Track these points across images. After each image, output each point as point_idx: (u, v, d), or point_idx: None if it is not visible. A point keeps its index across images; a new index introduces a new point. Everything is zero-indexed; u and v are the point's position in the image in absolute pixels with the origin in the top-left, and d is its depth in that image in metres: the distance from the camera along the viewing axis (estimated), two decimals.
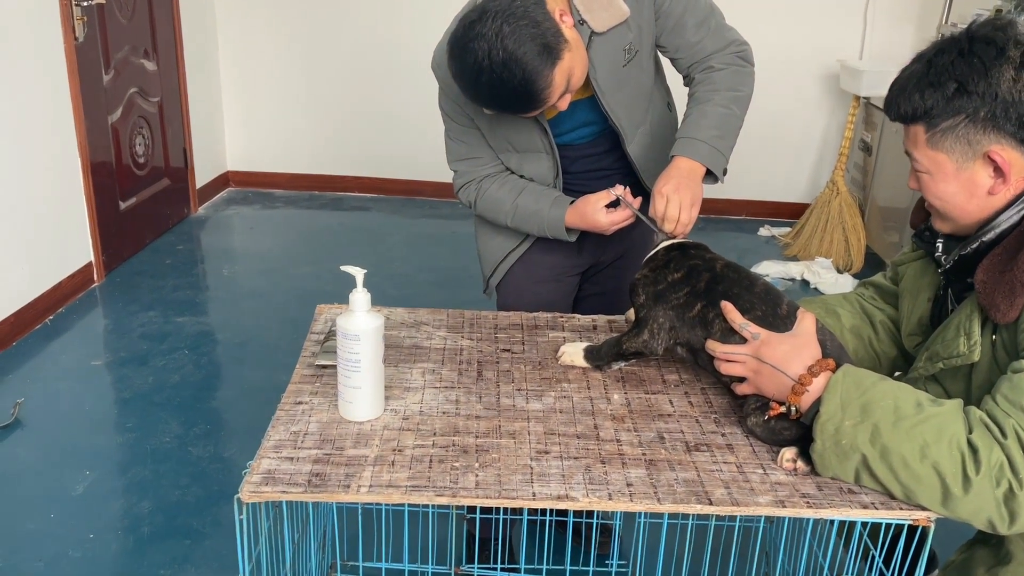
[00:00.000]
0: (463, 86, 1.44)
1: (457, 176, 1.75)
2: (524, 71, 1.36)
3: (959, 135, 1.13)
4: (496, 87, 1.38)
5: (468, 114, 1.65)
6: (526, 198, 1.67)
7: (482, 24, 1.36)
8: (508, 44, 1.34)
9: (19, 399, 2.63)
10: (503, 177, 1.71)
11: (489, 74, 1.37)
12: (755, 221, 4.60)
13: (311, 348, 1.50)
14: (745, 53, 1.64)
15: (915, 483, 1.07)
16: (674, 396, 1.38)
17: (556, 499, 1.12)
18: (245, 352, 3.04)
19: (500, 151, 1.69)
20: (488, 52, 1.35)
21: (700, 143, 1.55)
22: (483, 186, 1.71)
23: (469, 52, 1.37)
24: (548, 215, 1.65)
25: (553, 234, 1.67)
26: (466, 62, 1.38)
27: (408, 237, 4.21)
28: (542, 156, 1.66)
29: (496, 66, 1.35)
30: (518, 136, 1.64)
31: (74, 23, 3.27)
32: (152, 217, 4.02)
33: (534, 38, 1.35)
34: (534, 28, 1.36)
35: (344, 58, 4.54)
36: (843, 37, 4.32)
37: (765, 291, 1.29)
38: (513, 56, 1.35)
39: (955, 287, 1.26)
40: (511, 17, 1.35)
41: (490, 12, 1.36)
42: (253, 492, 1.11)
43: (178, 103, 4.22)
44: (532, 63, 1.36)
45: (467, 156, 1.71)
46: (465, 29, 1.38)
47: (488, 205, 1.71)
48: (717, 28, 1.62)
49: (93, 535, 2.11)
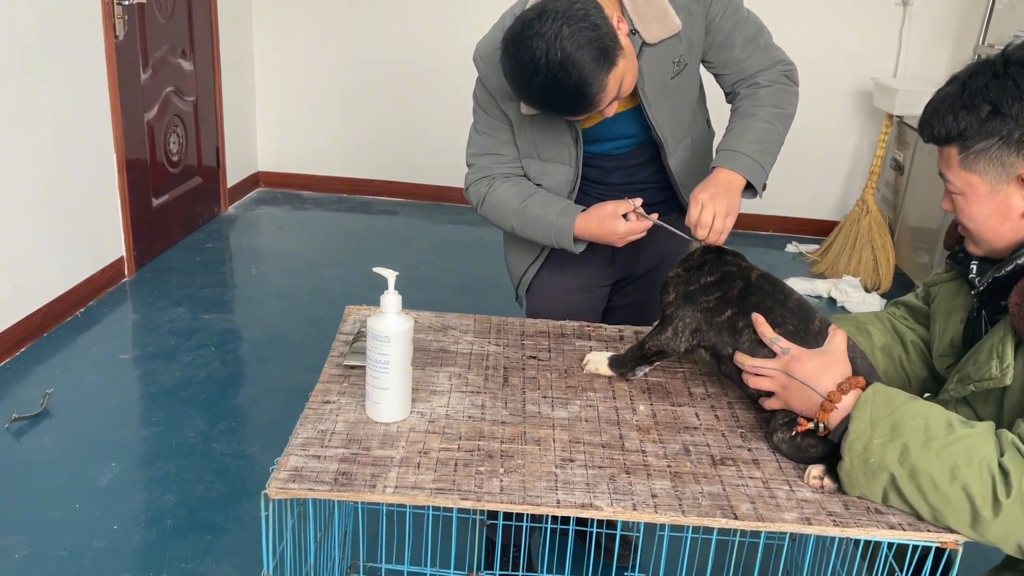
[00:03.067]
0: (515, 83, 1.42)
1: (471, 171, 1.71)
2: (580, 73, 1.35)
3: (992, 157, 1.13)
4: (550, 87, 1.38)
5: (503, 109, 1.63)
6: (535, 202, 1.63)
7: (541, 23, 1.35)
8: (567, 45, 1.34)
9: (48, 390, 2.67)
10: (516, 180, 1.67)
11: (545, 73, 1.36)
12: (783, 237, 4.58)
13: (340, 348, 1.51)
14: (791, 73, 1.64)
15: (944, 505, 1.06)
16: (700, 409, 1.38)
17: (580, 507, 1.12)
18: (270, 351, 3.06)
19: (524, 155, 1.67)
20: (546, 51, 1.34)
21: (742, 155, 1.54)
22: (494, 185, 1.67)
23: (526, 50, 1.36)
24: (556, 222, 1.60)
25: (559, 242, 1.62)
26: (522, 59, 1.37)
27: (434, 242, 4.23)
28: (565, 168, 1.65)
29: (553, 66, 1.35)
30: (547, 144, 1.63)
31: (115, 22, 3.33)
32: (183, 215, 4.07)
33: (592, 41, 1.35)
34: (593, 31, 1.35)
35: (376, 63, 4.58)
36: (878, 55, 4.29)
37: (799, 306, 1.29)
38: (571, 58, 1.34)
39: (989, 309, 1.25)
40: (571, 19, 1.35)
41: (550, 12, 1.35)
42: (280, 488, 1.12)
43: (212, 103, 4.28)
44: (589, 66, 1.35)
45: (488, 151, 1.68)
46: (523, 27, 1.37)
47: (495, 204, 1.66)
48: (766, 47, 1.62)
49: (117, 526, 2.13)
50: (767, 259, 4.26)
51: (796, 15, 4.22)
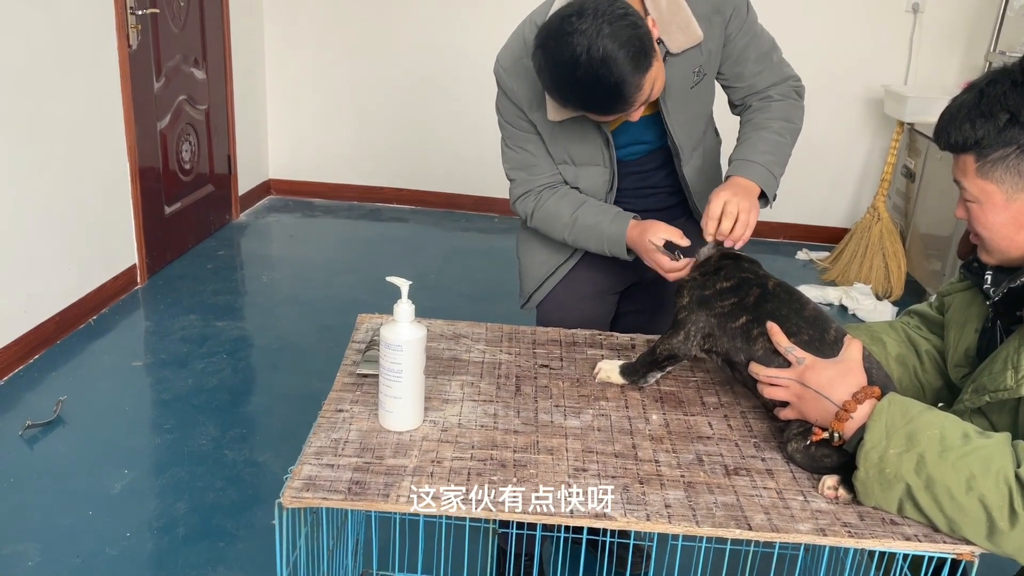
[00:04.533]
0: (552, 79, 1.40)
1: (514, 185, 1.72)
2: (621, 71, 1.34)
3: (1010, 166, 1.12)
4: (589, 84, 1.36)
5: (531, 120, 1.62)
6: (586, 212, 1.63)
7: (581, 20, 1.33)
8: (608, 44, 1.32)
9: (61, 397, 2.68)
10: (563, 190, 1.67)
11: (586, 69, 1.34)
12: (793, 244, 4.57)
13: (352, 357, 1.51)
14: (800, 89, 1.68)
15: (960, 515, 1.06)
16: (713, 419, 1.37)
17: (594, 517, 1.12)
18: (281, 358, 3.07)
19: (559, 161, 1.67)
20: (588, 48, 1.33)
21: (756, 165, 1.56)
22: (542, 197, 1.67)
23: (566, 46, 1.34)
24: (608, 230, 1.61)
25: (612, 249, 1.63)
26: (561, 55, 1.35)
27: (445, 250, 4.24)
28: (600, 169, 1.65)
29: (595, 62, 1.33)
30: (578, 148, 1.63)
31: (128, 31, 3.35)
32: (195, 222, 4.09)
33: (632, 40, 1.34)
34: (634, 30, 1.35)
35: (386, 71, 4.59)
36: (888, 62, 4.28)
37: (814, 315, 1.28)
38: (612, 55, 1.33)
39: (1003, 319, 1.24)
40: (612, 17, 1.33)
41: (590, 9, 1.34)
42: (294, 497, 1.12)
43: (224, 111, 4.30)
44: (628, 64, 1.34)
45: (525, 165, 1.68)
46: (562, 22, 1.35)
47: (546, 217, 1.67)
48: (778, 63, 1.66)
49: (130, 533, 2.14)
50: (778, 266, 4.25)
51: (807, 22, 4.22)
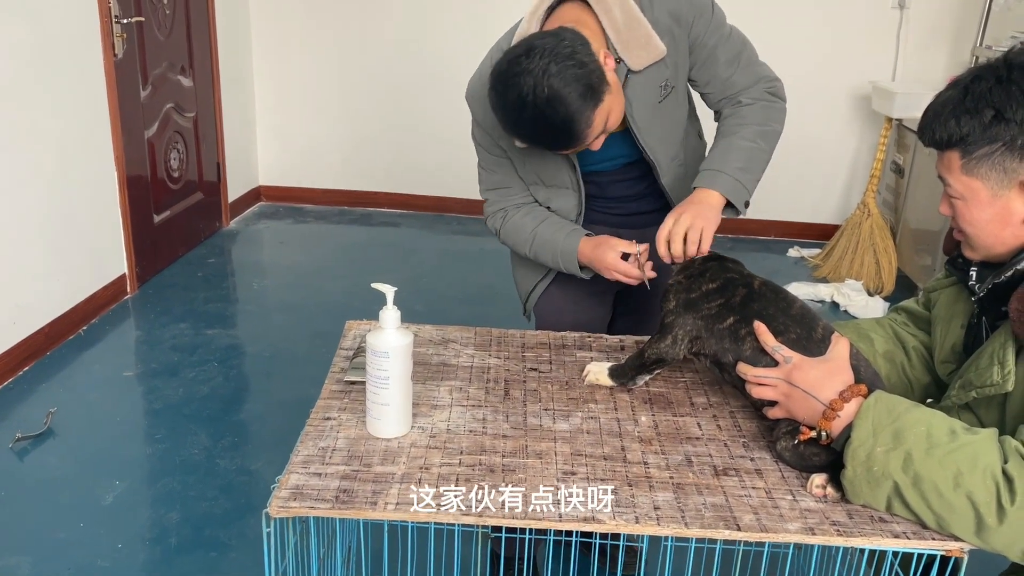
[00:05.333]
0: (503, 118, 1.44)
1: (488, 204, 1.77)
2: (567, 110, 1.37)
3: (995, 163, 1.12)
4: (538, 123, 1.39)
5: (501, 146, 1.66)
6: (545, 227, 1.68)
7: (529, 60, 1.36)
8: (554, 83, 1.35)
9: (52, 408, 2.67)
10: (529, 207, 1.72)
11: (532, 110, 1.37)
12: (784, 242, 4.58)
13: (340, 364, 1.51)
14: (776, 89, 1.63)
15: (948, 512, 1.05)
16: (702, 419, 1.37)
17: (583, 521, 1.12)
18: (273, 365, 3.06)
19: (529, 183, 1.71)
20: (534, 88, 1.36)
21: (722, 175, 1.54)
22: (509, 214, 1.72)
23: (513, 87, 1.37)
24: (562, 244, 1.65)
25: (566, 266, 1.66)
26: (509, 96, 1.39)
27: (437, 253, 4.23)
28: (569, 192, 1.68)
29: (540, 103, 1.36)
30: (547, 171, 1.66)
31: (114, 40, 3.34)
32: (185, 230, 4.08)
33: (579, 79, 1.36)
34: (580, 69, 1.37)
35: (376, 75, 4.59)
36: (876, 58, 4.30)
37: (801, 313, 1.28)
38: (558, 95, 1.35)
39: (989, 315, 1.24)
40: (558, 56, 1.36)
41: (537, 49, 1.37)
42: (281, 507, 1.12)
43: (212, 118, 4.29)
44: (575, 103, 1.37)
45: (498, 186, 1.73)
46: (510, 63, 1.39)
47: (511, 232, 1.72)
48: (748, 63, 1.61)
49: (121, 545, 2.13)
50: (769, 264, 4.26)
51: (793, 20, 4.23)
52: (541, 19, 1.54)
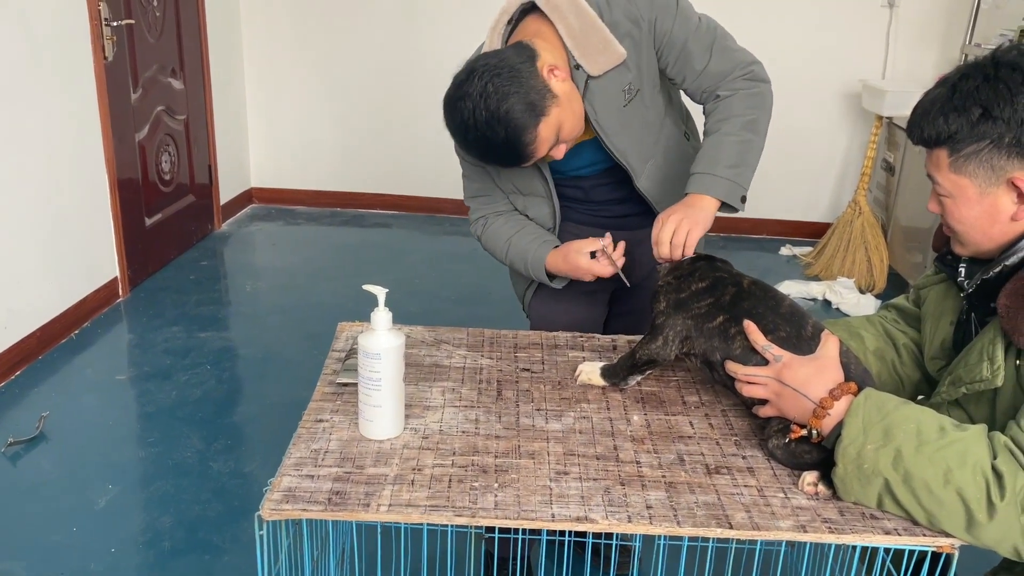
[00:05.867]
0: (456, 141, 1.50)
1: (471, 212, 1.79)
2: (507, 129, 1.40)
3: (983, 160, 1.13)
4: (484, 145, 1.44)
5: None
6: (520, 237, 1.69)
7: (469, 83, 1.41)
8: (491, 103, 1.39)
9: (44, 413, 2.66)
10: (509, 215, 1.73)
11: (475, 132, 1.42)
12: (776, 240, 4.59)
13: (332, 366, 1.51)
14: (754, 73, 1.58)
15: (938, 508, 1.06)
16: (694, 418, 1.38)
17: (575, 520, 1.12)
18: (266, 368, 3.06)
19: (507, 192, 1.73)
20: (473, 111, 1.40)
21: (713, 177, 1.52)
22: (489, 221, 1.74)
23: (457, 112, 1.43)
24: (532, 254, 1.66)
25: (536, 275, 1.68)
26: (455, 120, 1.44)
27: (429, 254, 4.23)
28: (543, 200, 1.70)
29: (480, 124, 1.40)
30: (520, 180, 1.68)
31: (104, 43, 3.33)
32: (177, 233, 4.07)
33: (518, 96, 1.39)
34: (518, 87, 1.40)
35: (367, 76, 4.59)
36: (866, 57, 4.31)
37: (791, 311, 1.29)
38: (495, 115, 1.39)
39: (978, 311, 1.25)
40: (496, 76, 1.39)
41: (477, 71, 1.41)
42: (274, 510, 1.11)
43: (204, 121, 4.28)
44: (516, 121, 1.40)
45: (479, 193, 1.75)
46: (455, 88, 1.44)
47: (489, 240, 1.74)
48: (721, 51, 1.56)
49: (115, 549, 2.13)
50: (762, 263, 4.27)
51: (783, 18, 4.25)
52: (502, 34, 1.56)
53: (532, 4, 1.54)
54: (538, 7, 1.52)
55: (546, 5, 1.51)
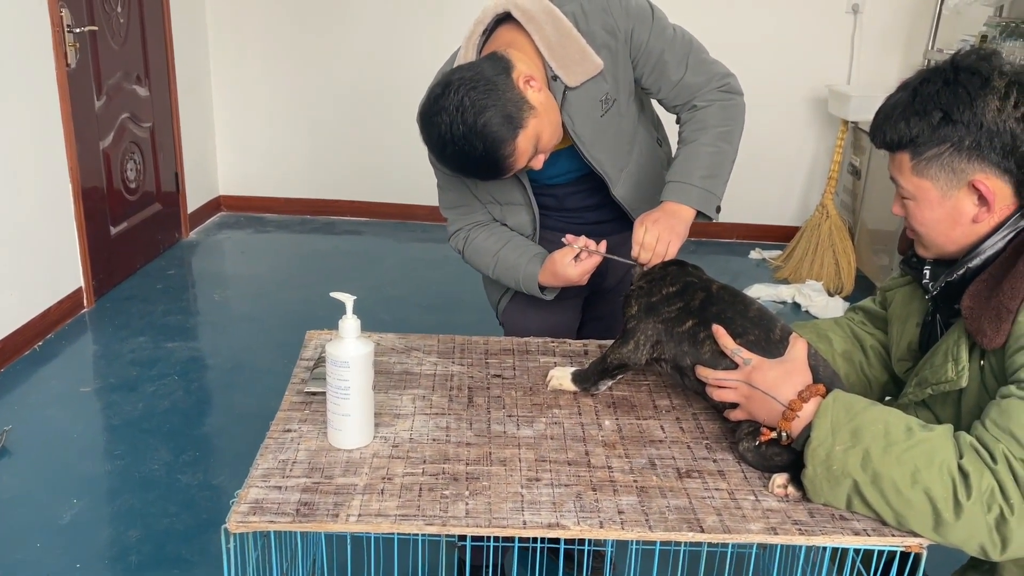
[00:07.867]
0: (432, 155, 1.49)
1: (448, 223, 1.77)
2: (485, 142, 1.39)
3: (944, 163, 1.14)
4: (461, 159, 1.43)
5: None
6: (508, 250, 1.68)
7: (445, 97, 1.40)
8: (468, 117, 1.38)
9: (7, 427, 2.60)
10: (491, 227, 1.72)
11: (452, 146, 1.41)
12: (746, 244, 4.62)
13: (300, 375, 1.49)
14: (729, 85, 1.61)
15: (906, 508, 1.07)
16: (665, 422, 1.38)
17: (547, 527, 1.11)
18: (235, 377, 3.02)
19: (485, 202, 1.72)
20: (450, 125, 1.39)
21: (687, 186, 1.54)
22: (471, 235, 1.73)
23: (434, 125, 1.41)
24: (524, 270, 1.65)
25: (528, 289, 1.67)
26: (432, 135, 1.43)
27: (400, 261, 4.21)
28: (522, 208, 1.69)
29: (458, 139, 1.39)
30: (498, 190, 1.68)
31: (66, 49, 3.28)
32: (143, 242, 4.01)
33: (495, 109, 1.38)
34: (495, 99, 1.39)
35: (336, 81, 4.56)
36: (831, 62, 4.37)
37: (759, 315, 1.29)
38: (473, 129, 1.38)
39: (943, 313, 1.26)
40: (472, 90, 1.38)
41: (453, 84, 1.40)
42: (240, 522, 1.10)
43: (170, 128, 4.23)
44: (493, 134, 1.39)
45: (456, 204, 1.74)
46: (431, 103, 1.42)
47: (473, 254, 1.73)
48: (697, 64, 1.59)
49: (80, 565, 2.08)
50: (731, 267, 4.30)
51: (750, 25, 4.29)
52: (477, 44, 1.55)
53: (507, 13, 1.53)
54: (512, 16, 1.52)
55: (522, 15, 1.51)
